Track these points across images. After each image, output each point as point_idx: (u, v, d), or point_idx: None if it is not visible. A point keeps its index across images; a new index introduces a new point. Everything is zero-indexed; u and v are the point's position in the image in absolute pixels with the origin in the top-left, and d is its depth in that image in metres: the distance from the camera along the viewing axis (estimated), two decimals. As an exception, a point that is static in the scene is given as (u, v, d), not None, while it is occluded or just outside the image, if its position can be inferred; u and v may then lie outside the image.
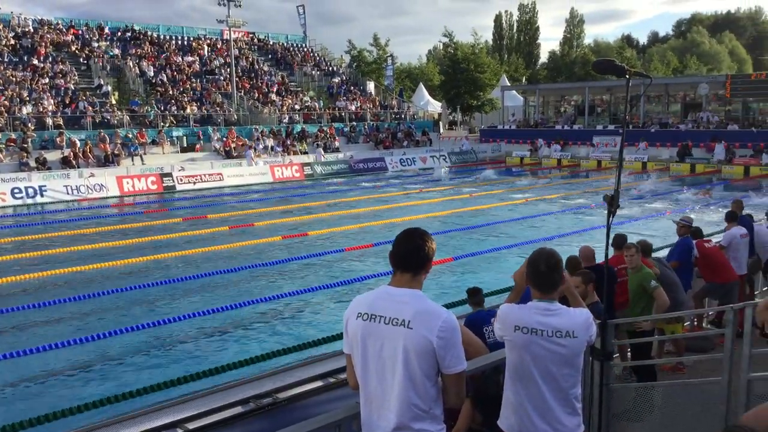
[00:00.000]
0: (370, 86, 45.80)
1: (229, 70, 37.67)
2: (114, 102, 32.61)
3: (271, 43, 47.32)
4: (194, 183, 27.66)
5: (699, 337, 7.46)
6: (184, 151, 30.82)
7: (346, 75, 47.57)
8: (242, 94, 37.45)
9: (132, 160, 28.26)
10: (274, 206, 22.51)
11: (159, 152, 29.85)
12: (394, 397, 2.80)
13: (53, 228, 18.48)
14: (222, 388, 5.87)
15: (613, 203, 4.34)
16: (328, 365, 6.11)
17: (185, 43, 42.24)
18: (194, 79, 37.36)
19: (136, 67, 36.02)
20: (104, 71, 35.27)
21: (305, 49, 48.63)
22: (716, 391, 4.65)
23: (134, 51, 38.04)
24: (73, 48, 36.27)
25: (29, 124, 27.77)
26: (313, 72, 44.73)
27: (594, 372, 4.69)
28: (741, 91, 35.36)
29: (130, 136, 29.46)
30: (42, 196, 23.89)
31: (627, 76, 4.40)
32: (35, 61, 33.22)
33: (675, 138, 34.17)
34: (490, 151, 40.48)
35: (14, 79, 30.90)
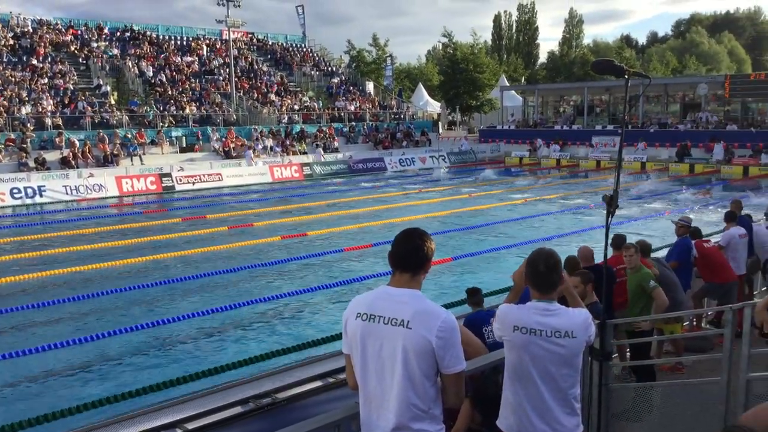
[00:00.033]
0: (370, 86, 45.79)
1: (228, 70, 37.67)
2: (113, 102, 32.59)
3: (270, 44, 47.31)
4: (193, 183, 27.66)
5: (698, 337, 7.46)
6: (183, 151, 30.82)
7: (345, 75, 47.57)
8: (241, 94, 37.44)
9: (131, 161, 28.26)
10: (274, 206, 22.50)
11: (158, 152, 29.84)
12: (394, 397, 2.80)
13: (52, 228, 18.47)
14: (221, 389, 5.88)
15: (612, 203, 4.34)
16: (328, 365, 6.12)
17: (184, 43, 42.23)
18: (193, 80, 37.36)
19: (135, 68, 36.01)
20: (103, 71, 35.26)
21: (304, 50, 48.63)
22: (715, 391, 4.66)
23: (133, 51, 38.03)
24: (72, 48, 36.26)
25: (28, 125, 27.76)
26: (313, 72, 44.74)
27: (593, 372, 4.69)
28: (740, 92, 35.37)
29: (129, 136, 29.45)
30: (41, 196, 23.88)
31: (626, 77, 4.41)
32: (34, 61, 33.21)
33: (674, 138, 34.18)
34: (489, 151, 40.51)
35: (13, 79, 30.89)
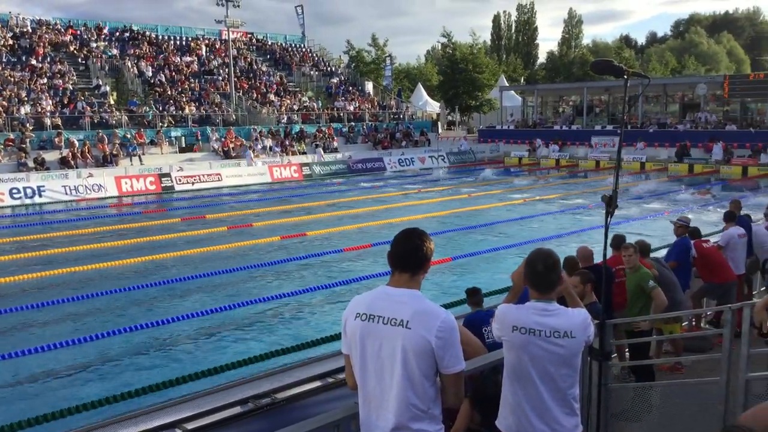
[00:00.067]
0: (369, 86, 45.76)
1: (227, 70, 37.65)
2: (112, 102, 32.57)
3: (269, 44, 47.29)
4: (193, 183, 27.65)
5: (697, 337, 7.47)
6: (182, 151, 30.80)
7: (344, 75, 47.56)
8: (241, 94, 37.43)
9: (130, 161, 28.24)
10: (273, 206, 22.50)
11: (157, 152, 29.82)
12: (393, 397, 2.80)
13: (52, 228, 18.46)
14: (221, 389, 5.88)
15: (611, 203, 4.35)
16: (327, 365, 6.13)
17: (184, 43, 42.21)
18: (193, 80, 37.34)
19: (135, 68, 36.00)
20: (102, 71, 35.24)
21: (304, 50, 48.61)
22: (714, 391, 4.66)
23: (133, 51, 38.00)
24: (72, 48, 36.23)
25: (27, 125, 27.74)
26: (312, 72, 44.72)
27: (592, 372, 4.70)
28: (739, 92, 35.37)
29: (129, 136, 29.44)
30: (40, 196, 23.86)
31: (625, 77, 4.41)
32: (33, 61, 33.19)
33: (673, 138, 34.20)
34: (489, 151, 40.51)
35: (12, 79, 30.86)
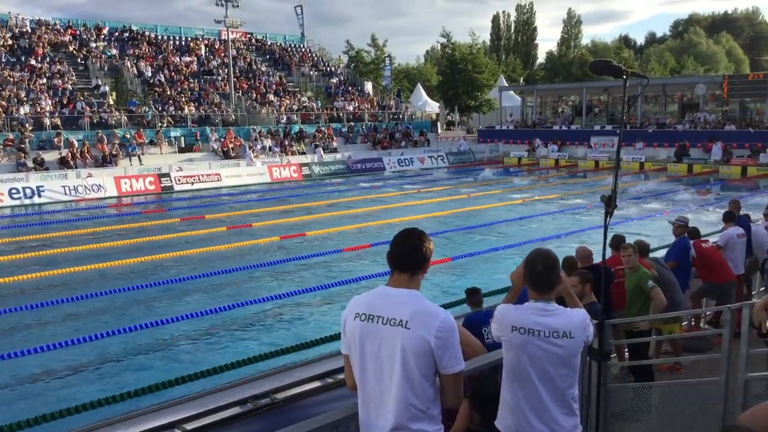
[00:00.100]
0: (368, 87, 45.75)
1: (227, 70, 37.64)
2: (112, 102, 32.56)
3: (268, 44, 47.27)
4: (192, 183, 27.64)
5: (696, 337, 7.47)
6: (181, 151, 30.78)
7: (344, 75, 47.56)
8: (240, 94, 37.42)
9: (130, 161, 28.23)
10: (272, 206, 22.50)
11: (157, 152, 29.81)
12: (392, 397, 2.80)
13: (51, 229, 18.45)
14: (220, 389, 5.89)
15: (610, 203, 4.35)
16: (326, 366, 6.14)
17: (183, 43, 42.20)
18: (192, 80, 37.32)
19: (134, 68, 35.98)
20: (102, 71, 35.22)
21: (303, 50, 48.59)
22: (713, 391, 4.66)
23: (132, 51, 37.98)
24: (71, 48, 36.21)
25: (27, 125, 27.73)
26: (311, 72, 44.71)
27: (591, 372, 4.70)
28: (738, 92, 35.37)
29: (128, 136, 29.42)
30: (40, 196, 23.86)
31: (624, 77, 4.41)
32: (33, 62, 33.16)
33: (672, 138, 34.21)
34: (488, 151, 40.51)
35: (12, 79, 30.84)
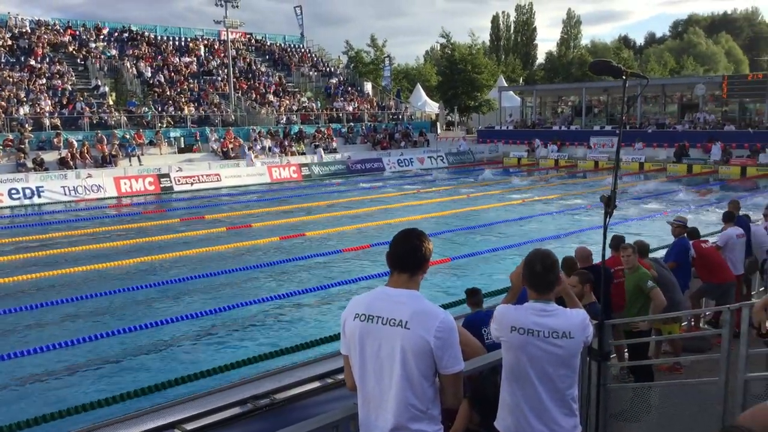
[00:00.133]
0: (368, 87, 45.74)
1: (226, 70, 37.63)
2: (111, 103, 32.56)
3: (268, 44, 47.26)
4: (192, 184, 27.64)
5: (696, 338, 7.47)
6: (181, 151, 30.77)
7: (343, 76, 47.55)
8: (240, 94, 37.41)
9: (129, 161, 28.23)
10: (272, 207, 22.50)
11: (156, 153, 29.80)
12: (392, 397, 2.80)
13: (51, 229, 18.45)
14: (220, 389, 5.88)
15: (610, 204, 4.35)
16: (326, 366, 6.13)
17: (183, 43, 42.19)
18: (192, 80, 37.32)
19: (134, 68, 35.97)
20: (101, 72, 35.21)
21: (303, 50, 48.58)
22: (713, 392, 4.66)
23: (131, 52, 37.97)
24: (71, 49, 36.20)
25: (26, 125, 27.72)
26: (311, 73, 44.70)
27: (591, 372, 4.70)
28: (737, 92, 35.39)
29: (128, 136, 29.42)
30: (39, 197, 23.86)
31: (624, 77, 4.42)
32: (32, 62, 33.15)
33: (672, 138, 34.23)
34: (488, 151, 40.52)
35: (11, 79, 30.83)
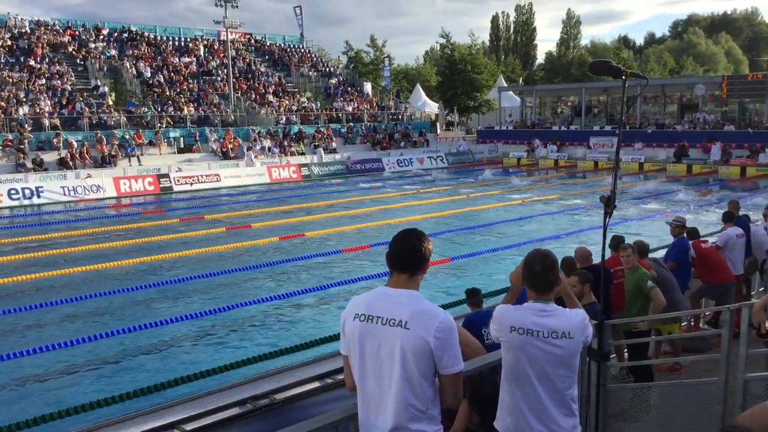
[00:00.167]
0: (368, 87, 45.74)
1: (226, 71, 37.63)
2: (111, 103, 32.55)
3: (268, 44, 47.26)
4: (191, 184, 27.63)
5: (696, 338, 7.47)
6: (181, 152, 30.76)
7: (343, 76, 47.55)
8: (239, 95, 37.41)
9: (129, 161, 28.22)
10: (272, 207, 22.49)
11: (156, 153, 29.79)
12: (392, 397, 2.80)
13: (50, 229, 18.44)
14: (219, 390, 5.88)
15: (609, 204, 4.34)
16: (326, 366, 6.13)
17: (182, 44, 42.19)
18: (191, 80, 37.32)
19: (133, 68, 35.97)
20: (101, 72, 35.20)
21: (302, 50, 48.59)
22: (713, 392, 4.66)
23: (131, 52, 37.97)
24: (70, 49, 36.19)
25: (26, 125, 27.71)
26: (311, 73, 44.71)
27: (591, 372, 4.70)
28: (737, 92, 35.40)
29: (127, 137, 29.41)
30: (39, 197, 23.85)
31: (623, 77, 4.41)
32: (32, 62, 33.14)
33: (672, 139, 34.24)
34: (487, 151, 40.53)
35: (11, 80, 30.83)
